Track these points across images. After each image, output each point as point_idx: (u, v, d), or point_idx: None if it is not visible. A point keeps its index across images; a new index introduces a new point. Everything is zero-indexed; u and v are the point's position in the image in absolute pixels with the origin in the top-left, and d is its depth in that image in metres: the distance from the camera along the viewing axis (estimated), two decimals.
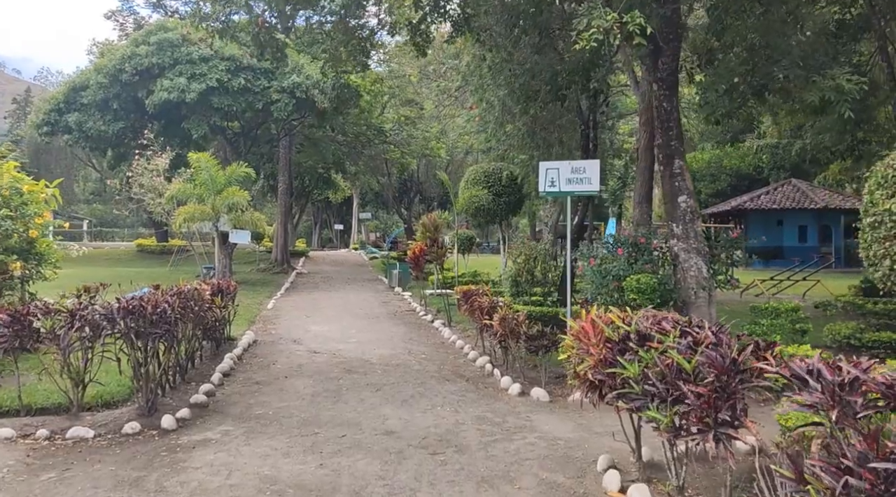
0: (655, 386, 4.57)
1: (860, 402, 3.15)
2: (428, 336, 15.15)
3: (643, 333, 4.97)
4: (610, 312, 5.98)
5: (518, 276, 15.03)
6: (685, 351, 4.46)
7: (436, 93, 28.02)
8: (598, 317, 5.99)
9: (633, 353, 5.00)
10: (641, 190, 22.01)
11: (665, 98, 9.44)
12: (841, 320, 13.80)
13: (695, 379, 4.34)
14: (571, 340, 6.32)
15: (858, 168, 24.58)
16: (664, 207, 9.78)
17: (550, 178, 10.02)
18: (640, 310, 5.94)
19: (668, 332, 4.87)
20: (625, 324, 5.46)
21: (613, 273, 9.06)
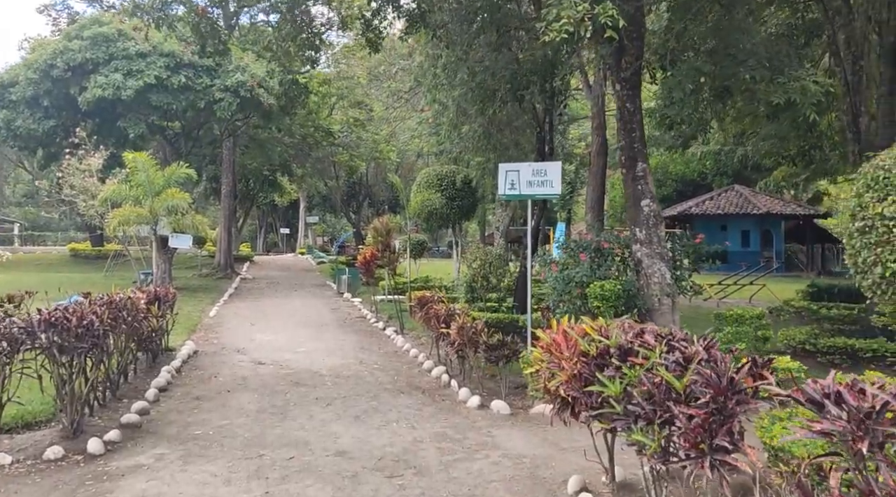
0: (641, 406, 4.15)
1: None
2: (380, 344, 14.58)
3: (625, 348, 4.55)
4: (582, 323, 5.56)
5: (473, 282, 14.60)
6: (674, 368, 4.05)
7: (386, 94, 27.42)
8: (570, 327, 5.57)
9: (613, 370, 4.57)
10: (594, 194, 21.92)
11: (628, 98, 9.14)
12: (794, 325, 13.81)
13: (686, 399, 3.93)
14: (541, 353, 5.88)
15: (804, 174, 25.02)
16: (627, 212, 9.48)
17: (510, 180, 9.62)
18: (616, 319, 5.54)
19: (652, 346, 4.46)
20: (601, 335, 5.04)
21: (576, 279, 8.70)
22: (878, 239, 6.11)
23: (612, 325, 5.53)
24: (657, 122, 19.97)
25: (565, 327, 5.55)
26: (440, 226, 22.35)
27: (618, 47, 8.70)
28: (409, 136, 32.87)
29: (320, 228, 72.48)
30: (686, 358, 4.03)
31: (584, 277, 8.65)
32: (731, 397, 3.69)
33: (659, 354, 4.24)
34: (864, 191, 6.51)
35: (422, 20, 11.10)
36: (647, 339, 4.53)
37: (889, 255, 5.96)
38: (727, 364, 3.79)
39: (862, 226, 6.33)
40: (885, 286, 6.33)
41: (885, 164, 6.32)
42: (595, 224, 21.58)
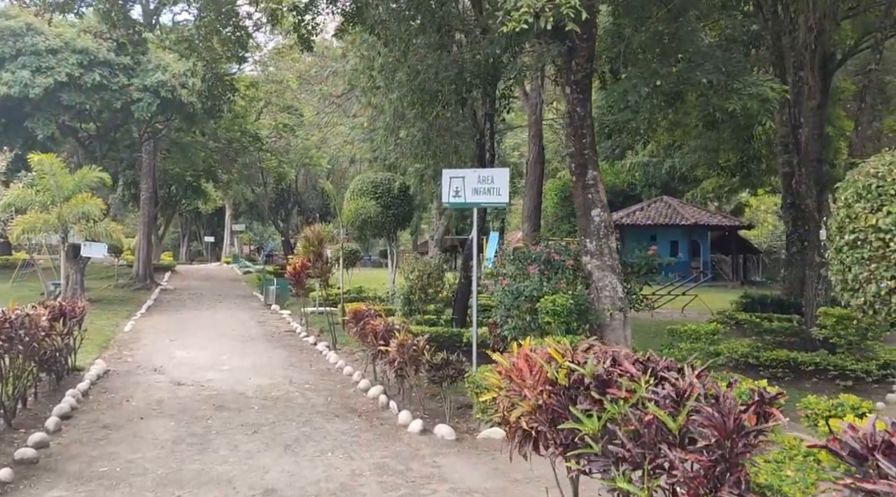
0: (625, 447, 3.56)
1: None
2: (311, 361, 13.71)
3: (603, 378, 3.97)
4: (542, 344, 4.97)
5: (411, 294, 13.91)
6: (666, 404, 3.48)
7: (317, 98, 26.48)
8: (532, 351, 4.98)
9: (590, 403, 3.98)
10: (530, 203, 21.63)
11: (579, 103, 8.69)
12: (735, 338, 13.69)
13: (681, 442, 3.37)
14: (498, 379, 5.26)
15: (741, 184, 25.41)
16: (577, 221, 9.02)
17: (455, 187, 9.01)
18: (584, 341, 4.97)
19: (635, 376, 3.89)
20: (571, 361, 4.45)
21: (526, 293, 8.15)
22: (871, 254, 5.76)
23: (578, 348, 4.97)
24: (597, 131, 19.92)
25: (527, 351, 4.95)
26: (375, 234, 21.58)
27: (569, 48, 8.24)
28: (342, 142, 31.95)
29: (247, 237, 70.30)
30: (679, 392, 3.46)
31: (534, 291, 8.11)
32: (737, 440, 3.14)
33: (645, 387, 3.66)
34: (853, 200, 6.14)
35: (358, 16, 10.41)
36: (627, 367, 3.97)
37: (885, 272, 5.62)
38: (731, 401, 3.24)
39: (853, 239, 5.97)
40: (878, 306, 5.98)
41: (878, 172, 5.97)
42: (532, 234, 21.28)
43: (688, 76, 7.68)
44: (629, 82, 7.36)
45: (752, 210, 54.67)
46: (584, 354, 4.68)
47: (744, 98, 7.60)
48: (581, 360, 4.52)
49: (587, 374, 4.08)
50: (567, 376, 4.34)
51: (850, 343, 11.29)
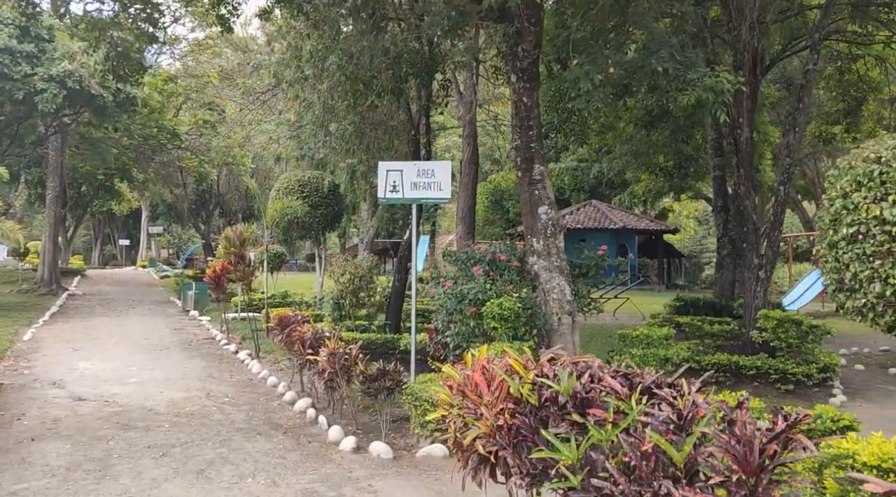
0: (616, 483, 2.92)
1: None
2: (232, 371, 12.67)
3: (582, 397, 3.32)
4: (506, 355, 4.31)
5: (341, 298, 13.07)
6: (667, 430, 2.86)
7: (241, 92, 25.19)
8: (490, 362, 4.31)
9: (569, 426, 3.33)
10: (464, 204, 21.06)
11: (525, 92, 8.12)
12: (674, 342, 13.44)
13: (688, 477, 2.75)
14: (449, 395, 4.56)
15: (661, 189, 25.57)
16: (523, 219, 8.43)
17: (392, 181, 8.28)
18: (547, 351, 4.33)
19: (619, 393, 3.26)
20: (540, 374, 3.80)
21: (470, 297, 7.50)
22: (875, 249, 5.28)
23: (541, 358, 4.33)
24: None
25: (484, 362, 4.27)
26: (302, 236, 20.54)
27: (516, 31, 7.66)
28: (267, 140, 30.62)
29: (165, 240, 67.35)
30: (681, 414, 2.84)
31: (479, 294, 7.47)
32: (762, 476, 2.54)
33: (637, 409, 3.03)
34: (852, 189, 5.64)
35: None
36: (610, 382, 3.33)
37: (891, 269, 5.15)
38: (751, 426, 2.64)
39: (852, 232, 5.48)
40: (881, 308, 5.52)
41: (882, 156, 5.50)
42: (466, 236, 20.73)
43: (642, 64, 7.21)
44: (581, 69, 6.84)
45: (675, 215, 56.02)
46: (552, 366, 4.05)
47: (698, 90, 7.18)
48: (550, 373, 3.87)
49: (563, 391, 3.43)
50: (536, 393, 3.68)
51: (790, 346, 11.13)
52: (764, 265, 12.16)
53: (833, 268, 5.99)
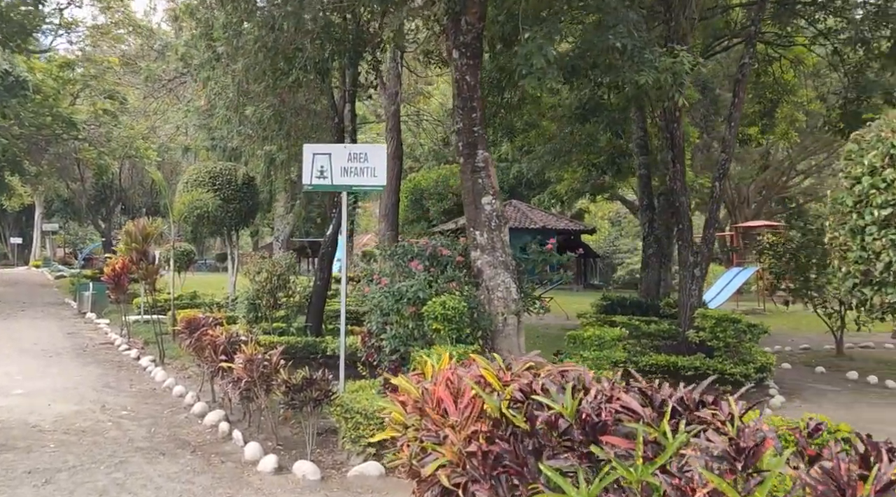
0: None
1: None
2: (132, 380, 11.38)
3: (594, 421, 2.59)
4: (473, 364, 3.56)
5: (258, 299, 11.99)
6: (722, 465, 2.15)
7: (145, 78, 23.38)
8: (454, 371, 3.54)
9: (577, 458, 2.59)
10: (388, 201, 20.28)
11: (469, 70, 7.41)
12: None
13: None
14: (402, 413, 3.76)
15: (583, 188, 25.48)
16: (465, 210, 7.71)
17: (319, 166, 7.38)
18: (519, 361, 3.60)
19: (640, 414, 2.54)
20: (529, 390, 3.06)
21: (409, 295, 6.70)
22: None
23: (518, 367, 3.59)
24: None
25: (449, 373, 3.49)
26: (212, 232, 19.14)
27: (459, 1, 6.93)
28: (174, 130, 28.74)
29: (61, 238, 63.10)
30: (739, 448, 2.14)
31: (419, 292, 6.69)
32: None
33: (678, 438, 2.31)
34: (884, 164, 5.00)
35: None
36: (626, 401, 2.61)
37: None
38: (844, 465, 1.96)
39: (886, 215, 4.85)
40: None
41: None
42: (390, 233, 19.91)
43: (597, 40, 6.63)
44: (533, 43, 6.18)
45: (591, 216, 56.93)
46: (533, 377, 3.31)
47: (655, 71, 6.66)
48: (536, 387, 3.12)
49: (566, 412, 2.68)
50: (524, 414, 2.93)
51: (727, 345, 10.89)
52: (699, 263, 11.92)
53: (858, 258, 5.43)
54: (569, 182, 25.05)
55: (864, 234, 5.22)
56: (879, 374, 12.26)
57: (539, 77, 6.30)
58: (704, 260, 11.90)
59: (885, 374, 12.40)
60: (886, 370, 12.92)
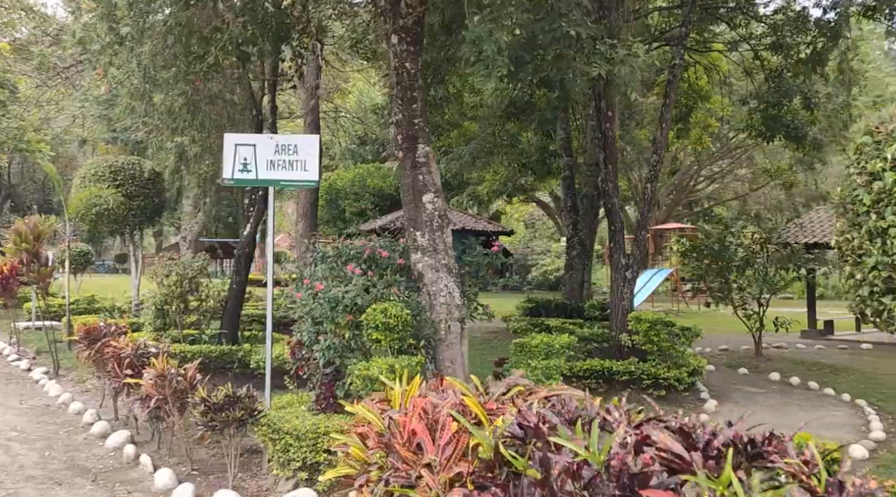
0: None
1: None
2: (22, 395, 10.18)
3: (630, 471, 2.08)
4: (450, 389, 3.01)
5: (167, 304, 10.99)
6: None
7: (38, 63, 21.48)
8: (427, 399, 2.98)
9: None
10: (306, 200, 19.43)
11: (409, 56, 6.84)
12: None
13: None
14: (361, 449, 3.15)
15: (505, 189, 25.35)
16: (404, 209, 7.13)
17: (243, 158, 6.64)
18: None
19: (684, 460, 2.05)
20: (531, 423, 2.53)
21: (347, 302, 6.07)
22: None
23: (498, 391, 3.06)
24: (385, 121, 18.28)
25: (425, 403, 2.92)
26: (113, 231, 17.70)
27: None
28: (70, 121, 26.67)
29: None
30: None
31: (357, 299, 6.07)
32: None
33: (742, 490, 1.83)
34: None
35: None
36: (669, 444, 2.11)
37: None
38: None
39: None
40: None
41: None
42: (309, 234, 19.05)
43: (550, 27, 6.21)
44: (483, 27, 5.69)
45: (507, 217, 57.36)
46: (526, 405, 2.78)
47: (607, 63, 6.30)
48: (532, 418, 2.59)
49: (594, 459, 2.16)
50: (526, 455, 2.39)
51: (661, 349, 10.76)
52: (630, 265, 11.77)
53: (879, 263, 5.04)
54: (490, 183, 24.84)
55: (885, 236, 4.89)
56: (800, 375, 12.48)
57: (488, 65, 5.82)
58: (636, 262, 11.77)
59: (805, 375, 12.64)
60: (805, 371, 13.21)
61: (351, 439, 3.18)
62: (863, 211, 4.97)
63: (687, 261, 15.09)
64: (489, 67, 5.91)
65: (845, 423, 9.13)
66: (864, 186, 4.99)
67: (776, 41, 13.57)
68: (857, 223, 5.01)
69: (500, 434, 2.52)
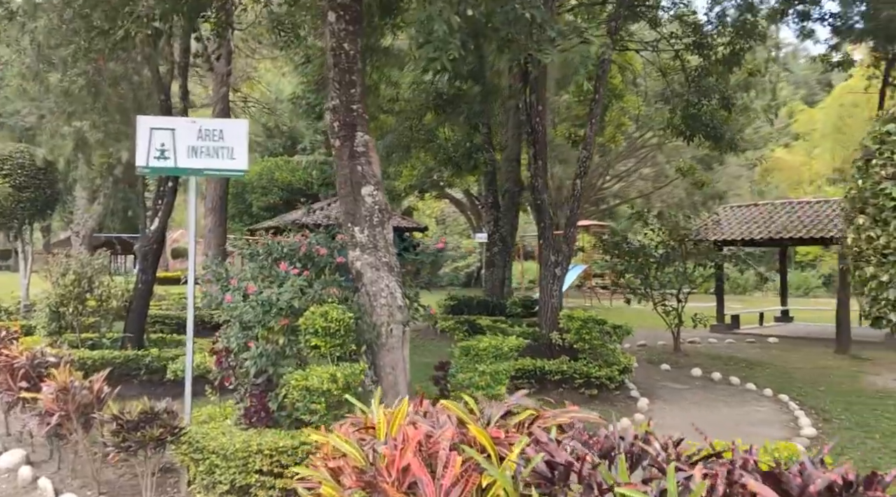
0: None
1: None
2: None
3: None
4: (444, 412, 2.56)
5: (63, 306, 9.94)
6: None
7: None
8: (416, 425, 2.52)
9: None
10: (216, 193, 18.44)
11: (348, 36, 6.29)
12: None
13: None
14: (332, 485, 2.65)
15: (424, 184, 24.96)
16: (341, 202, 6.57)
17: (160, 144, 5.91)
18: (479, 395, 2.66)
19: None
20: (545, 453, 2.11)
21: (282, 305, 5.47)
22: None
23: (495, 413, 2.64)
24: (303, 111, 17.47)
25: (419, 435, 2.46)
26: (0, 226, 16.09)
27: None
28: None
29: None
30: None
31: (293, 301, 5.49)
32: None
33: None
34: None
35: None
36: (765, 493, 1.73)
37: None
38: None
39: None
40: None
41: None
42: (217, 228, 18.05)
43: (503, 9, 5.82)
44: (433, 7, 5.26)
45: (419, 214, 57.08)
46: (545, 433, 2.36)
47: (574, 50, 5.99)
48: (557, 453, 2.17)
49: None
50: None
51: (592, 348, 10.64)
52: (560, 262, 11.62)
53: None
54: (408, 178, 24.39)
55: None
56: (720, 371, 12.69)
57: (439, 47, 5.38)
58: (566, 259, 11.63)
59: (724, 370, 12.88)
60: (723, 365, 13.48)
61: (320, 475, 2.67)
62: (891, 206, 4.80)
63: (609, 258, 15.14)
64: (440, 49, 5.46)
65: (773, 420, 9.26)
66: (891, 179, 4.83)
67: (697, 41, 13.78)
68: (882, 219, 4.85)
69: (525, 473, 2.09)
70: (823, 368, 13.34)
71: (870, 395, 10.65)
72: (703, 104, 14.17)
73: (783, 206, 20.65)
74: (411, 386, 6.70)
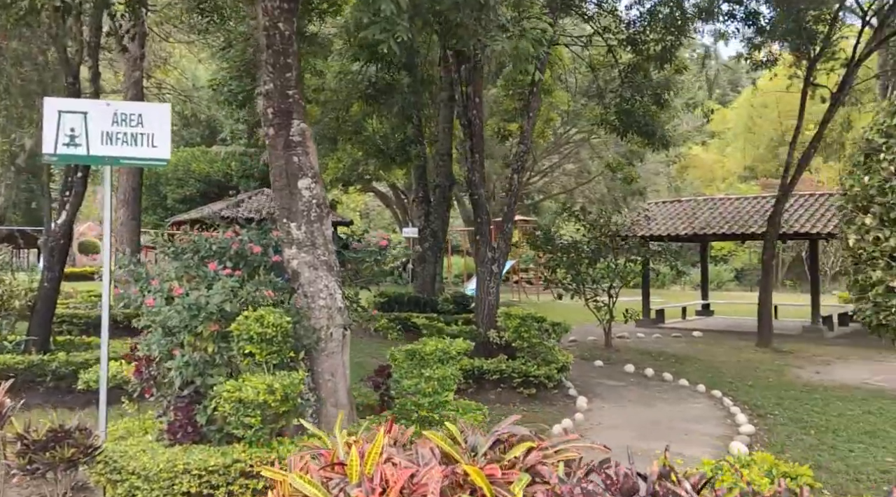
0: None
1: None
2: None
3: None
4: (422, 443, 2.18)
5: None
6: None
7: None
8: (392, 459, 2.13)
9: None
10: (129, 185, 17.44)
11: (283, 16, 5.77)
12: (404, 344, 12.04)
13: None
14: None
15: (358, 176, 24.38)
16: (275, 196, 6.06)
17: (70, 128, 5.25)
18: None
19: None
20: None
21: (212, 309, 4.94)
22: None
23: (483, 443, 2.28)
24: (224, 99, 16.60)
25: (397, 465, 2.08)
26: None
27: None
28: None
29: None
30: None
31: (225, 304, 4.97)
32: None
33: None
34: None
35: None
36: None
37: None
38: None
39: None
40: None
41: None
42: (130, 222, 17.04)
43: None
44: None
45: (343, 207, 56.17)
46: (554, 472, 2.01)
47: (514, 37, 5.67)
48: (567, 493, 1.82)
49: None
50: None
51: (531, 346, 10.44)
52: (497, 259, 11.38)
53: None
54: (334, 170, 23.72)
55: None
56: (652, 366, 12.76)
57: (385, 28, 4.97)
58: (503, 255, 11.40)
59: (656, 366, 12.94)
60: (653, 361, 13.57)
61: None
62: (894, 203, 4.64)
63: (541, 254, 15.04)
64: (387, 30, 5.05)
65: (710, 416, 9.29)
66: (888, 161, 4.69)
67: (629, 36, 13.80)
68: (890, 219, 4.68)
69: None
70: (748, 362, 13.62)
71: (798, 388, 10.87)
72: (636, 100, 14.24)
73: (705, 203, 21.19)
74: (350, 393, 6.28)
